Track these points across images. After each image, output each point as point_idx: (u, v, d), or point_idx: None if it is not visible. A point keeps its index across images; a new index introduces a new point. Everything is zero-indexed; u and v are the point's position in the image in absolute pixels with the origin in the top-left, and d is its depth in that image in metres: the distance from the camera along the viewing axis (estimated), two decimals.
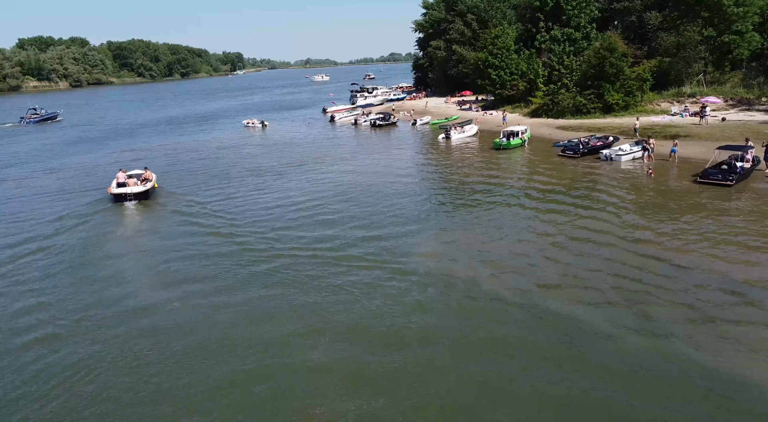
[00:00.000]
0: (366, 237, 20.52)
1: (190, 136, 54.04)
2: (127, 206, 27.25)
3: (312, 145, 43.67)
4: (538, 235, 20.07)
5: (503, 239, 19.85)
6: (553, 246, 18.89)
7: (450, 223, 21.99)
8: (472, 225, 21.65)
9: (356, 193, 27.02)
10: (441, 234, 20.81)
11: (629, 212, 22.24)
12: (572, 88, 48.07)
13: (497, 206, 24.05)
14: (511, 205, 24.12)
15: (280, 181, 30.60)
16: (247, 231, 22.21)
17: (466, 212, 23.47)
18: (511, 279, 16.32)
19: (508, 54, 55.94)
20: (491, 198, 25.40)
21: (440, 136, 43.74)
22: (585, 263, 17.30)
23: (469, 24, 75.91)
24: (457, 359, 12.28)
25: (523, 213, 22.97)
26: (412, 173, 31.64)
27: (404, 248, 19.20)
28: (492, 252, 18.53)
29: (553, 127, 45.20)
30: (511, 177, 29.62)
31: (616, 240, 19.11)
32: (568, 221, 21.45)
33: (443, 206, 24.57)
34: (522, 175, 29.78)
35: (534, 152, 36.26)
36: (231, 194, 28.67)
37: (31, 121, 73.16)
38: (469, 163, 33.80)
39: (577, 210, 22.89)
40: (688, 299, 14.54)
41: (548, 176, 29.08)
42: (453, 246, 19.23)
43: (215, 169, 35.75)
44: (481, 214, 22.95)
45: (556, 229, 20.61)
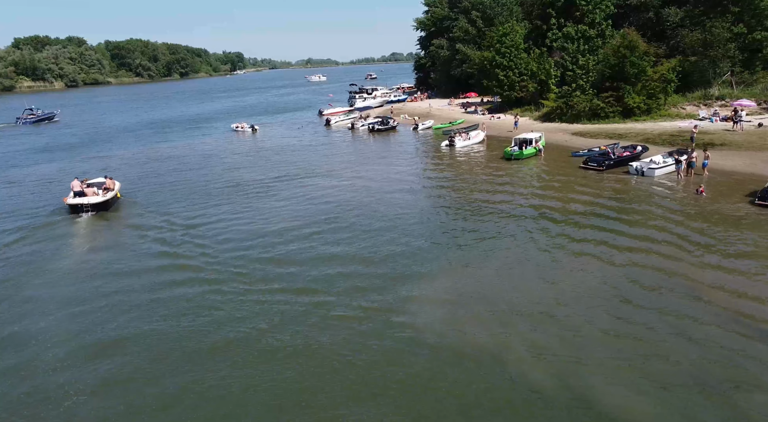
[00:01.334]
0: (358, 285, 16.43)
1: (174, 141, 50.05)
2: (83, 219, 24.77)
3: (303, 154, 39.65)
4: (572, 277, 16.05)
5: (527, 282, 15.83)
6: (595, 295, 14.85)
7: (458, 259, 17.93)
8: (485, 261, 17.60)
9: (348, 216, 22.92)
10: (448, 275, 16.77)
11: (690, 244, 18.07)
12: (588, 89, 43.99)
13: (514, 233, 20.00)
14: (531, 232, 20.07)
15: (262, 199, 26.57)
16: (212, 263, 18.34)
17: (475, 242, 19.43)
18: (549, 356, 12.17)
19: (517, 53, 51.87)
20: (506, 223, 21.34)
21: (443, 143, 39.69)
22: (650, 325, 13.24)
23: (473, 21, 71.92)
24: None
25: (546, 242, 18.94)
26: (411, 189, 27.58)
27: (402, 304, 15.19)
28: (515, 305, 14.50)
29: (568, 133, 41.11)
30: (527, 194, 25.54)
31: (686, 287, 15.03)
32: (609, 257, 17.40)
33: (448, 234, 20.50)
34: (540, 193, 25.68)
35: (550, 163, 32.17)
36: (203, 213, 24.74)
37: (27, 122, 71.28)
38: (477, 176, 29.73)
39: (616, 240, 18.84)
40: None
41: (572, 194, 24.99)
42: (464, 298, 15.15)
43: (191, 181, 31.78)
44: (494, 246, 18.90)
45: (596, 267, 16.60)
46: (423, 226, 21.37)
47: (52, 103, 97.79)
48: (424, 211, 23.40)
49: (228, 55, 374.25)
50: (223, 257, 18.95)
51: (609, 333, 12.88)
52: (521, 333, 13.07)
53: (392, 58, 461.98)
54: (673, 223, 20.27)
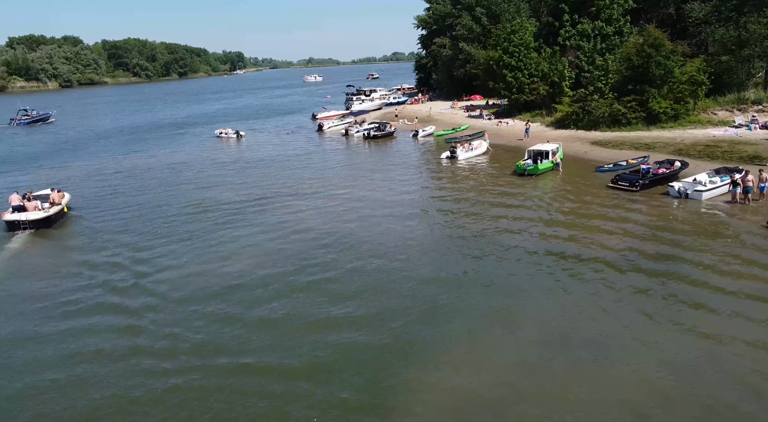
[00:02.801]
0: (343, 362, 12.03)
1: (151, 149, 45.58)
2: (20, 237, 22.19)
3: (289, 166, 35.15)
4: (645, 361, 11.51)
5: (578, 380, 11.23)
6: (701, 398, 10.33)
7: (472, 326, 13.41)
8: (508, 330, 13.10)
9: (330, 257, 18.36)
10: (462, 352, 12.29)
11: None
12: (608, 93, 39.45)
13: (542, 285, 15.48)
14: (566, 284, 15.56)
15: (231, 228, 22.06)
16: (148, 320, 14.10)
17: (488, 297, 14.95)
18: None
19: (527, 52, 47.36)
20: (529, 267, 16.82)
21: (443, 155, 35.09)
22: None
23: (478, 19, 67.61)
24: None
25: (591, 300, 14.41)
26: (409, 215, 23.00)
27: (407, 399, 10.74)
28: (568, 403, 10.02)
29: (586, 142, 36.58)
30: (550, 223, 21.00)
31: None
32: (675, 324, 12.87)
33: (456, 284, 16.00)
34: (565, 221, 21.10)
35: (571, 181, 27.63)
36: (155, 243, 20.45)
37: (21, 123, 69.57)
38: (486, 197, 25.13)
39: (695, 296, 14.25)
40: None
41: (605, 223, 20.41)
42: (492, 392, 10.71)
43: (154, 199, 27.37)
44: (519, 308, 14.38)
45: (671, 339, 12.10)
46: (425, 275, 16.86)
47: (41, 103, 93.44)
48: (426, 250, 18.83)
49: (228, 54, 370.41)
50: (164, 311, 14.66)
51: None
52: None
53: (393, 58, 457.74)
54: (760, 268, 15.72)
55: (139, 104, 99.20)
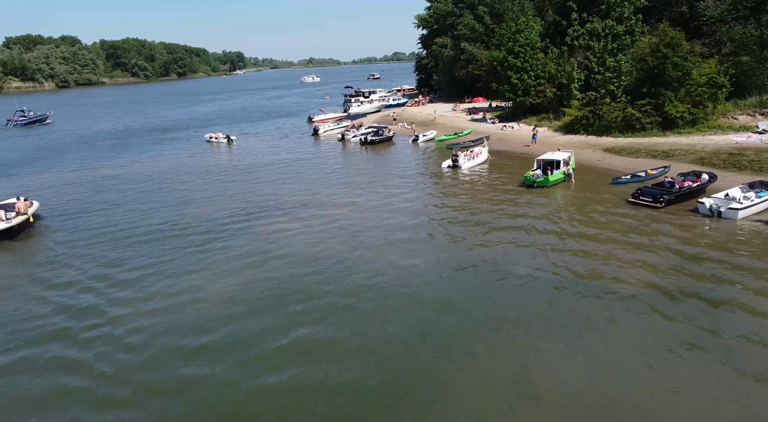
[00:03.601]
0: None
1: (135, 155, 43.06)
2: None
3: (279, 175, 32.70)
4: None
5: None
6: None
7: (481, 402, 11.00)
8: (527, 403, 10.64)
9: (316, 294, 15.88)
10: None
11: None
12: (620, 96, 36.99)
13: (565, 333, 13.04)
14: (585, 326, 13.14)
15: (208, 250, 19.61)
16: (96, 371, 11.62)
17: (504, 354, 12.52)
18: None
19: (533, 52, 44.91)
20: (547, 307, 14.37)
21: (444, 164, 32.53)
22: None
23: (480, 18, 65.23)
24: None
25: (625, 354, 11.99)
26: (407, 238, 20.28)
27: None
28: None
29: (598, 149, 34.12)
30: (565, 249, 18.52)
31: None
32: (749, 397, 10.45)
33: (464, 336, 13.59)
34: (585, 248, 18.47)
35: (586, 194, 25.14)
36: (125, 266, 18.18)
37: (18, 124, 68.75)
38: (494, 215, 22.59)
39: (750, 356, 11.81)
40: None
41: (628, 247, 17.93)
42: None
43: (128, 214, 24.97)
44: (540, 362, 11.96)
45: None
46: (423, 317, 14.45)
47: (33, 104, 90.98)
48: (426, 282, 16.37)
49: (227, 54, 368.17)
50: (115, 359, 12.27)
51: None
52: None
53: (394, 58, 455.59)
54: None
55: (133, 106, 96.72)
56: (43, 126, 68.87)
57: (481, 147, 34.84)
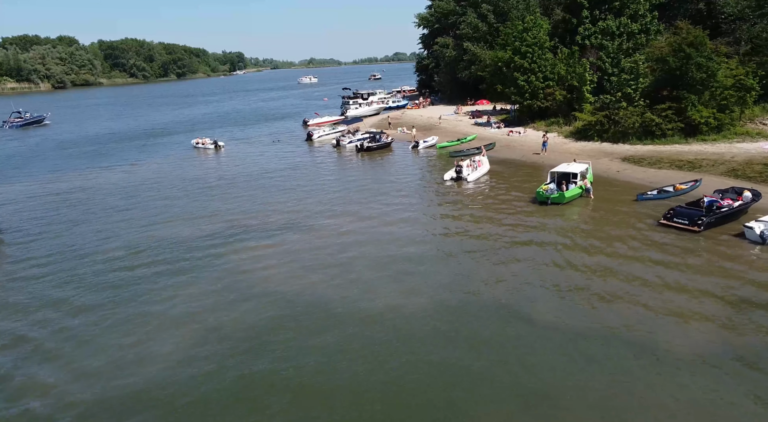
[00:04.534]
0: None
1: (114, 163, 40.05)
2: None
3: (266, 187, 29.84)
4: None
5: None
6: None
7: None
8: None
9: (292, 351, 13.09)
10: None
11: None
12: (638, 99, 34.08)
13: (605, 404, 10.17)
14: (630, 395, 10.27)
15: (171, 284, 16.77)
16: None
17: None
18: None
19: (541, 52, 41.99)
20: (579, 371, 11.52)
21: (447, 176, 29.43)
22: None
23: (484, 16, 62.42)
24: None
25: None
26: (404, 270, 17.45)
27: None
28: None
29: (616, 158, 31.20)
30: (592, 286, 15.61)
31: None
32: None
33: (476, 402, 10.73)
34: (615, 285, 15.58)
35: (607, 212, 22.20)
36: (73, 302, 15.51)
37: (14, 125, 67.89)
38: (502, 241, 19.59)
39: None
40: None
41: (669, 286, 15.04)
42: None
43: (94, 230, 22.17)
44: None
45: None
46: (425, 381, 11.60)
47: (23, 105, 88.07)
48: (431, 332, 13.55)
49: (227, 55, 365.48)
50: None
51: None
52: None
53: (395, 58, 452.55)
54: None
55: (123, 108, 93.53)
56: (40, 127, 67.76)
57: (481, 157, 31.78)
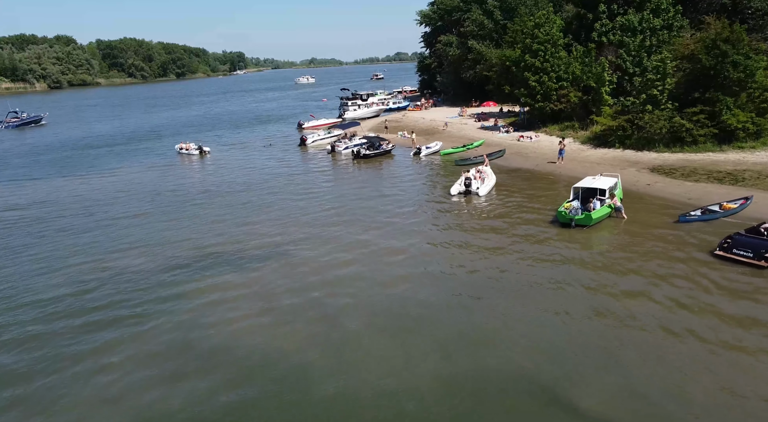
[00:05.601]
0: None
1: (84, 171, 36.43)
2: None
3: (247, 202, 26.30)
4: None
5: None
6: None
7: None
8: None
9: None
10: None
11: None
12: (664, 102, 30.61)
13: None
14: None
15: (106, 347, 13.38)
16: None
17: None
18: None
19: (555, 50, 38.52)
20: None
21: (454, 189, 25.72)
22: None
23: (490, 13, 59.13)
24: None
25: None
26: (401, 328, 14.07)
27: None
28: None
29: (643, 169, 27.72)
30: (642, 346, 12.17)
31: None
32: None
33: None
34: (681, 362, 12.24)
35: (644, 237, 18.68)
36: None
37: (10, 125, 67.33)
38: (523, 279, 16.15)
39: None
40: None
41: (749, 353, 11.64)
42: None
43: (30, 260, 18.73)
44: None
45: None
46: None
47: (15, 105, 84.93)
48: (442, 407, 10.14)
49: (228, 54, 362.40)
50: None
51: None
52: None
53: (397, 58, 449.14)
54: None
55: (112, 109, 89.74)
56: (37, 128, 66.47)
57: (485, 166, 28.24)
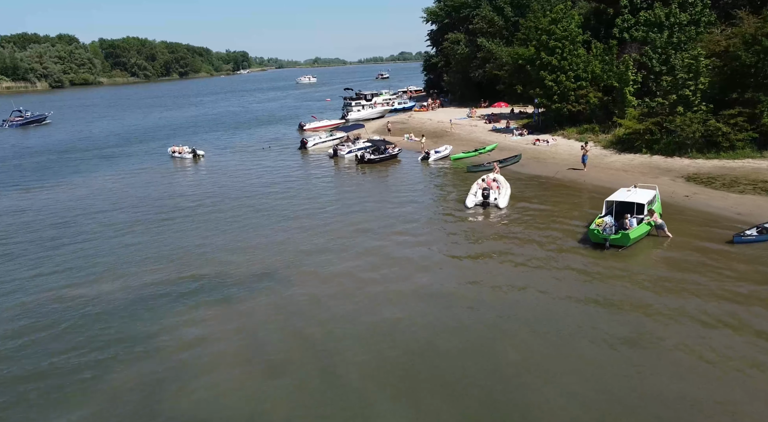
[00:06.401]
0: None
1: (64, 177, 34.04)
2: None
3: (238, 215, 23.67)
4: None
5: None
6: None
7: None
8: None
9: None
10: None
11: None
12: (697, 103, 27.91)
13: None
14: None
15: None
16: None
17: None
18: None
19: (573, 48, 35.86)
20: None
21: (470, 201, 22.99)
22: None
23: (500, 9, 56.55)
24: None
25: None
26: (413, 387, 11.64)
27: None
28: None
29: (678, 177, 25.03)
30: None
31: None
32: None
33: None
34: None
35: (696, 264, 16.00)
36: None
37: (14, 124, 66.93)
38: (555, 313, 13.65)
39: None
40: None
41: None
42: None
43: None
44: None
45: None
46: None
47: (7, 105, 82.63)
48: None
49: (231, 54, 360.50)
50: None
51: None
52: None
53: (401, 57, 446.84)
54: None
55: (107, 110, 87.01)
56: (41, 127, 65.73)
57: (494, 173, 25.66)
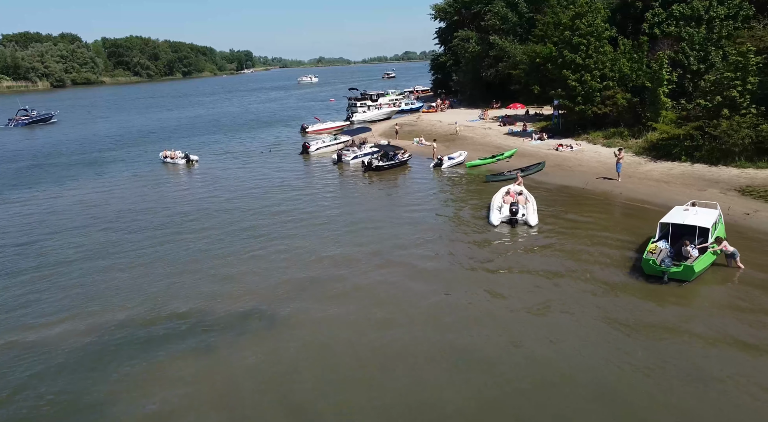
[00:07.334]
0: None
1: (47, 186, 31.26)
2: None
3: (227, 233, 20.79)
4: None
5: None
6: None
7: None
8: None
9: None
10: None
11: None
12: (746, 106, 24.90)
13: None
14: None
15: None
16: None
17: None
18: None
19: (599, 45, 32.88)
20: None
21: (494, 217, 19.98)
22: None
23: (514, 5, 53.55)
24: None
25: None
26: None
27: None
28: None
29: (727, 189, 22.05)
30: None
31: None
32: None
33: None
34: None
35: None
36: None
37: (19, 123, 66.62)
38: (611, 396, 10.82)
39: None
40: None
41: None
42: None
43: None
44: None
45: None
46: None
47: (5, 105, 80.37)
48: None
49: (235, 53, 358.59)
50: None
51: None
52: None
53: (405, 57, 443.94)
54: None
55: (102, 110, 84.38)
56: (47, 126, 65.26)
57: (515, 184, 22.87)
